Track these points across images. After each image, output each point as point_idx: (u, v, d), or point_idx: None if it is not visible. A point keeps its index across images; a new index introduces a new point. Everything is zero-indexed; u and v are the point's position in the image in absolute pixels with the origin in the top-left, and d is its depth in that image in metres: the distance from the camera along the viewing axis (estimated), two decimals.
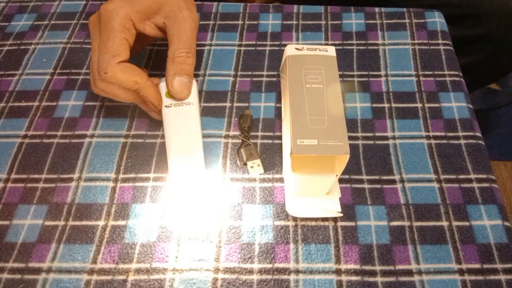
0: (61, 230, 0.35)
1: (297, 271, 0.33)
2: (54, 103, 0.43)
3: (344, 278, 0.32)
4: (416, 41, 0.47)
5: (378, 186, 0.37)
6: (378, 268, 0.33)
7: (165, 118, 0.38)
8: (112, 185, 0.37)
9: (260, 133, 0.41)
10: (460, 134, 0.40)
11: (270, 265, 0.33)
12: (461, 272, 0.33)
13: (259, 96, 0.43)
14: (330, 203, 0.36)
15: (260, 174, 0.38)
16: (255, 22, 0.49)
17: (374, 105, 0.42)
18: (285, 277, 0.33)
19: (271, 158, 0.39)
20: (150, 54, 0.46)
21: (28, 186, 0.38)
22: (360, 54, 0.46)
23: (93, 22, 0.37)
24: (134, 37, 0.37)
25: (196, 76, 0.44)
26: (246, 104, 0.43)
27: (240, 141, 0.40)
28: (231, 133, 0.41)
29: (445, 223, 0.35)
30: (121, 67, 0.35)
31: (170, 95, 0.38)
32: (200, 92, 0.43)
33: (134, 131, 0.41)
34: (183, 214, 0.36)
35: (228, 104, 0.43)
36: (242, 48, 0.47)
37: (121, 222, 0.35)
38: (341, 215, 0.35)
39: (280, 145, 0.40)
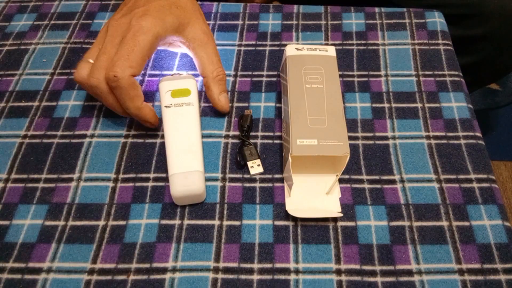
0: (61, 230, 0.35)
1: (297, 271, 0.33)
2: (54, 103, 0.43)
3: (344, 278, 0.32)
4: (416, 41, 0.47)
5: (378, 186, 0.37)
6: (378, 268, 0.33)
7: (165, 118, 0.38)
8: (112, 185, 0.37)
9: (260, 133, 0.41)
10: (460, 134, 0.40)
11: (270, 265, 0.33)
12: (461, 272, 0.33)
13: (259, 96, 0.43)
14: (330, 203, 0.36)
15: (260, 174, 0.38)
16: (255, 22, 0.49)
17: (374, 105, 0.42)
18: (285, 277, 0.33)
19: (271, 158, 0.39)
20: None
21: (28, 186, 0.38)
22: (360, 54, 0.46)
23: (115, 26, 0.38)
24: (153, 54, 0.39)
25: (196, 76, 0.44)
26: (246, 104, 0.43)
27: (240, 141, 0.40)
28: (231, 133, 0.41)
29: (445, 223, 0.35)
30: (131, 81, 0.36)
31: (216, 108, 0.41)
32: (200, 92, 0.43)
33: (134, 131, 0.41)
34: (183, 214, 0.36)
35: None
36: (242, 48, 0.47)
37: (121, 222, 0.35)
38: (341, 215, 0.35)
39: (280, 145, 0.40)
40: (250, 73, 0.45)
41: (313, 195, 0.36)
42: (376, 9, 0.50)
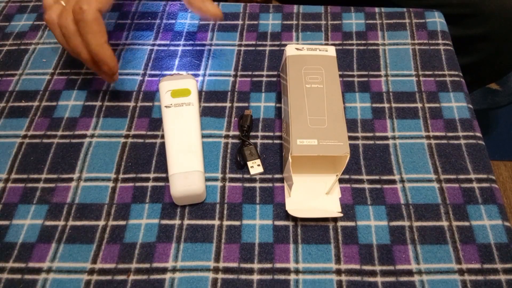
0: (61, 230, 0.35)
1: (297, 271, 0.33)
2: (54, 103, 0.43)
3: (344, 278, 0.32)
4: (416, 41, 0.47)
5: (378, 186, 0.37)
6: (378, 268, 0.33)
7: (165, 118, 0.38)
8: (112, 185, 0.37)
9: (260, 133, 0.41)
10: (460, 134, 0.40)
11: (270, 265, 0.33)
12: (461, 272, 0.33)
13: (259, 96, 0.43)
14: (330, 203, 0.36)
15: (260, 174, 0.38)
16: (255, 22, 0.49)
17: (374, 105, 0.42)
18: (285, 277, 0.33)
19: (271, 158, 0.39)
20: (150, 54, 0.46)
21: (28, 186, 0.38)
22: (360, 54, 0.46)
23: None
24: None
25: (196, 76, 0.44)
26: (246, 104, 0.43)
27: (240, 141, 0.40)
28: (231, 133, 0.41)
29: (445, 223, 0.35)
30: (97, 16, 0.36)
31: (207, 16, 0.40)
32: (200, 92, 0.43)
33: (134, 131, 0.41)
34: (183, 214, 0.36)
35: (228, 104, 0.43)
36: (242, 48, 0.47)
37: (121, 222, 0.35)
38: (341, 215, 0.35)
39: (280, 145, 0.40)
40: (250, 73, 0.45)
41: (313, 195, 0.36)
42: (376, 9, 0.50)
